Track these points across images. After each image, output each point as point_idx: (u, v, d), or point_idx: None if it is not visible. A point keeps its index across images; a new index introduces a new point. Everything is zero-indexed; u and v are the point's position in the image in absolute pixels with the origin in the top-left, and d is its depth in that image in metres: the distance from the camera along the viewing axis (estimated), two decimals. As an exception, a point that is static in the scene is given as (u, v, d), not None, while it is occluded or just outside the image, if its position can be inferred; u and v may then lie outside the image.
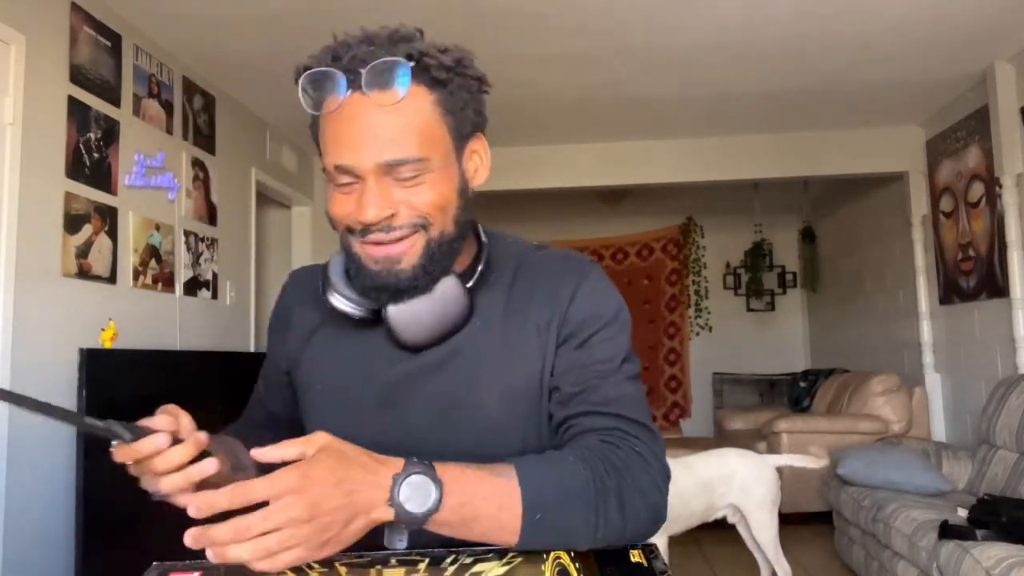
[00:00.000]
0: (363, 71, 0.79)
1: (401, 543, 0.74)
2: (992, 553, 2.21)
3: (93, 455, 2.54)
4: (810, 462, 3.27)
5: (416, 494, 0.71)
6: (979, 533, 2.43)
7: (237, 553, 0.65)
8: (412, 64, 0.81)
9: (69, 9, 2.73)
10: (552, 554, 0.79)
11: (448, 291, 0.87)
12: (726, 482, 2.99)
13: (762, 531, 3.00)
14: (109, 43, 2.95)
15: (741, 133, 4.77)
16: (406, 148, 0.81)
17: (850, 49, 3.48)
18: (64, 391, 2.61)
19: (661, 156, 4.91)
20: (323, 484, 0.68)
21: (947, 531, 2.51)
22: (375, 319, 0.89)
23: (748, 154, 4.83)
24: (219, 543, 0.64)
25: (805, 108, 4.31)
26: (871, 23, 3.20)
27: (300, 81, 0.82)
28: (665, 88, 3.96)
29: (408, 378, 0.91)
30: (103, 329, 2.83)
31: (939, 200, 4.40)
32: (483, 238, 0.95)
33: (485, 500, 0.75)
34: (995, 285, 3.80)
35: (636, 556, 0.80)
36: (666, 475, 0.87)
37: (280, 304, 1.07)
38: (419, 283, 0.85)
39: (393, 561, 0.76)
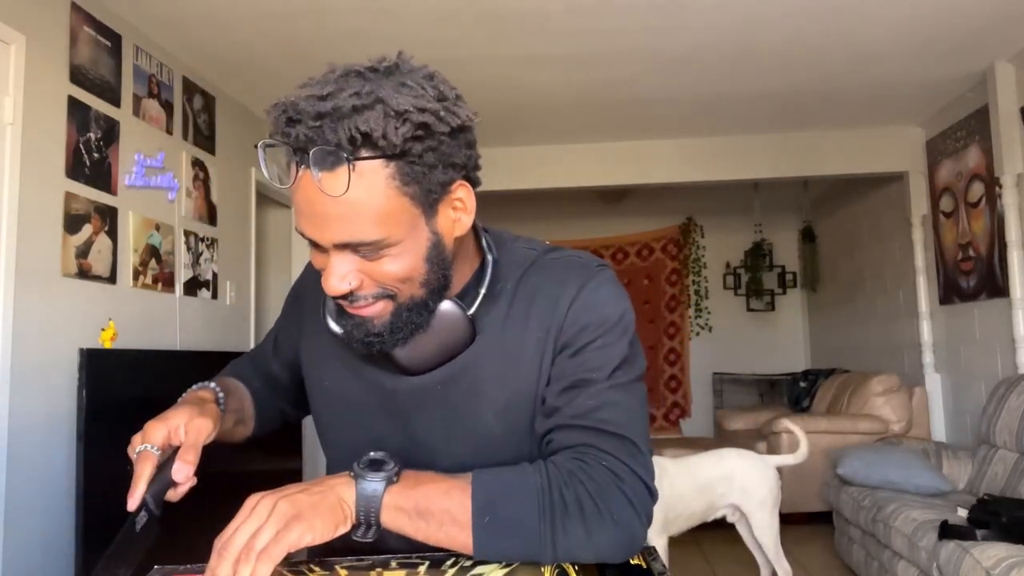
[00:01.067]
0: (309, 153, 0.74)
1: (367, 536, 0.76)
2: (992, 553, 2.21)
3: (93, 456, 2.54)
4: (791, 459, 3.23)
5: (375, 465, 0.78)
6: (979, 533, 2.43)
7: (248, 570, 0.69)
8: (351, 155, 0.74)
9: (69, 9, 2.73)
10: None
11: (448, 318, 0.86)
12: (726, 482, 2.99)
13: (762, 531, 3.00)
14: (109, 43, 2.95)
15: (741, 133, 4.77)
16: (358, 231, 0.76)
17: (850, 49, 3.48)
18: (64, 391, 2.61)
19: (661, 156, 4.91)
20: (287, 489, 0.76)
21: (947, 531, 2.51)
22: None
23: (748, 154, 4.83)
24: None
25: (805, 108, 4.31)
26: (871, 23, 3.20)
27: (259, 150, 0.78)
28: (665, 88, 3.96)
29: (411, 394, 0.92)
30: (103, 329, 2.83)
31: (939, 200, 4.40)
32: (488, 255, 0.92)
33: (439, 492, 0.78)
34: (995, 285, 3.80)
35: (635, 559, 0.80)
36: (645, 491, 0.83)
37: (302, 285, 1.08)
38: (388, 343, 0.84)
39: (393, 564, 0.76)
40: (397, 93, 0.75)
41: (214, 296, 3.69)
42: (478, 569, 0.76)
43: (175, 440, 0.84)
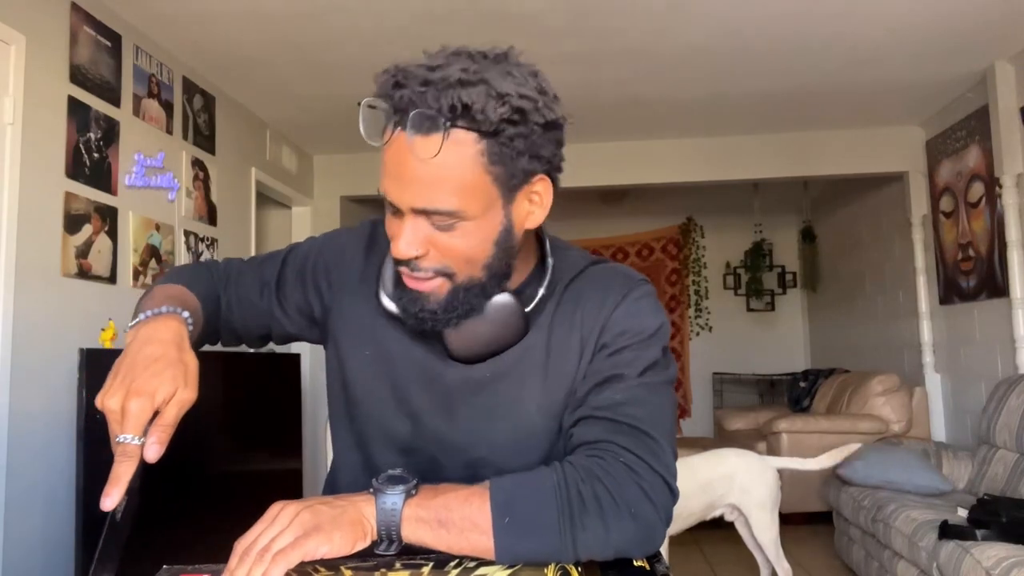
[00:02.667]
0: (409, 115, 0.77)
1: (390, 551, 0.76)
2: (992, 553, 2.21)
3: (93, 456, 2.54)
4: (805, 464, 3.21)
5: (394, 481, 0.78)
6: (979, 533, 2.43)
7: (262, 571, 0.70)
8: (449, 122, 0.77)
9: (69, 9, 2.73)
10: None
11: (506, 311, 0.88)
12: (726, 482, 2.99)
13: (762, 531, 3.00)
14: (109, 43, 2.95)
15: (741, 133, 4.77)
16: (439, 200, 0.79)
17: (850, 49, 3.48)
18: (64, 391, 2.61)
19: (661, 156, 4.91)
20: (310, 500, 0.77)
21: (947, 531, 2.51)
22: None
23: (748, 154, 4.83)
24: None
25: (805, 108, 4.31)
26: (871, 23, 3.20)
27: (361, 107, 0.81)
28: (665, 88, 3.96)
29: (460, 379, 0.93)
30: (103, 329, 2.83)
31: (939, 200, 4.40)
32: (549, 258, 0.94)
33: (458, 500, 0.78)
34: (995, 285, 3.79)
35: (639, 560, 0.80)
36: (665, 487, 0.83)
37: (330, 259, 1.03)
38: (441, 321, 0.86)
39: (397, 565, 0.76)
40: (502, 78, 0.79)
41: (214, 296, 3.69)
42: (481, 570, 0.76)
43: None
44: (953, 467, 3.53)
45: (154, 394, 0.75)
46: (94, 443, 2.55)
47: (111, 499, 0.72)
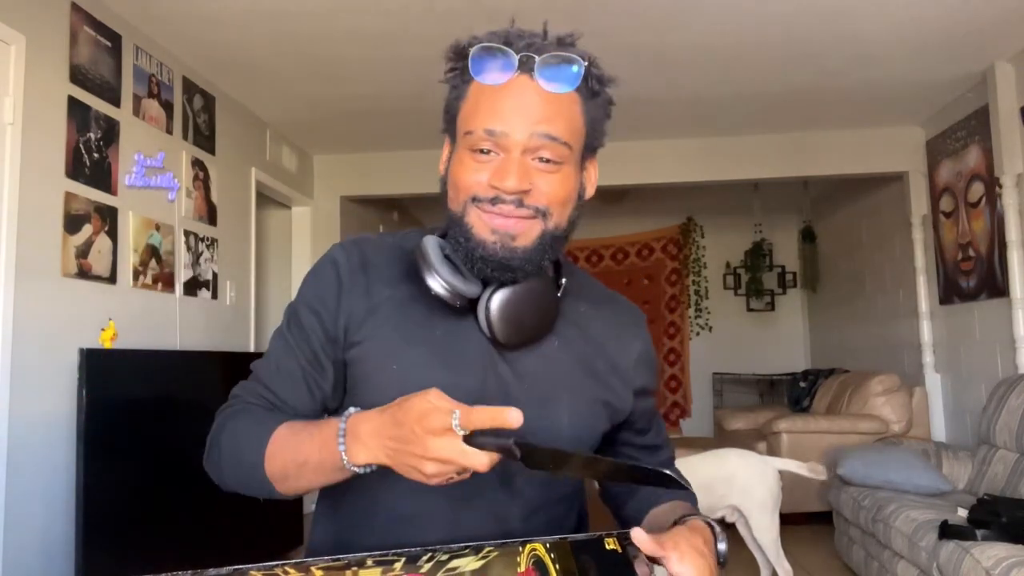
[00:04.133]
0: (537, 58, 0.85)
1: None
2: (992, 553, 2.21)
3: (93, 455, 2.54)
4: (808, 470, 3.19)
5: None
6: (979, 533, 2.43)
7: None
8: (585, 59, 0.87)
9: (69, 9, 2.73)
10: (528, 545, 0.78)
11: (544, 290, 0.90)
12: (726, 483, 2.98)
13: (763, 532, 3.00)
14: (109, 43, 2.95)
15: (741, 133, 4.77)
16: (558, 129, 0.85)
17: (850, 49, 3.48)
18: (64, 391, 2.61)
19: (661, 156, 4.91)
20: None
21: (947, 531, 2.51)
22: (468, 308, 0.90)
23: (748, 154, 4.83)
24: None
25: (805, 108, 4.31)
26: (871, 23, 3.20)
27: (472, 51, 0.86)
28: (665, 88, 3.96)
29: (498, 387, 0.91)
30: (103, 329, 2.83)
31: (939, 200, 4.40)
32: (559, 255, 0.97)
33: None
34: (995, 285, 3.79)
35: (611, 543, 0.80)
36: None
37: (332, 281, 0.93)
38: (526, 267, 0.87)
39: (369, 562, 0.76)
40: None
41: (214, 296, 3.69)
42: (454, 563, 0.76)
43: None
44: (953, 467, 3.53)
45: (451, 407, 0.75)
46: (94, 443, 2.56)
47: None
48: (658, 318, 7.37)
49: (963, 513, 2.69)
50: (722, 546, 0.87)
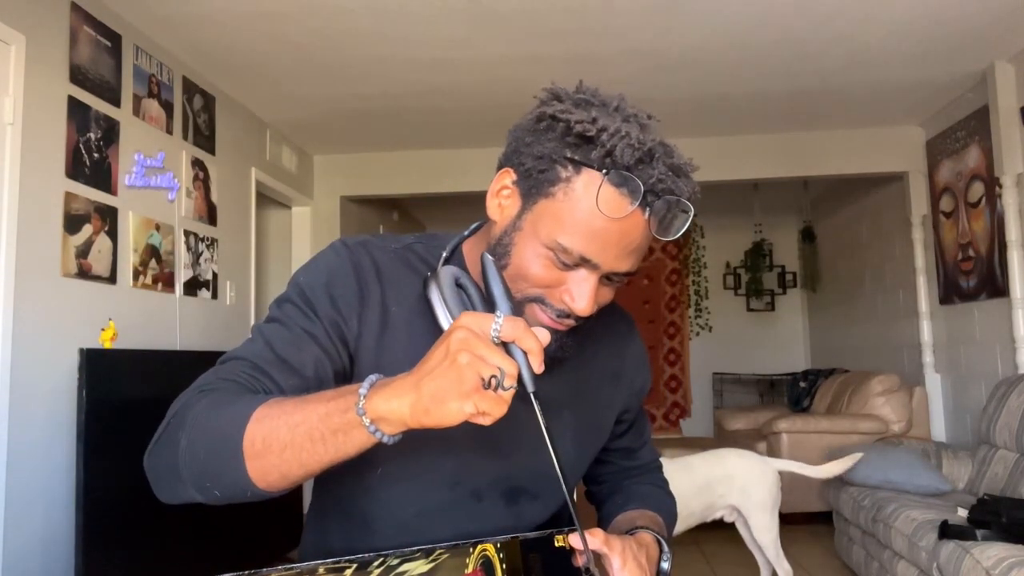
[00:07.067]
0: (660, 200, 0.79)
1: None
2: (992, 553, 2.21)
3: (93, 455, 2.54)
4: (808, 470, 3.20)
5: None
6: (979, 533, 2.43)
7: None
8: (696, 212, 0.82)
9: (69, 9, 2.73)
10: (479, 547, 0.78)
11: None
12: (726, 483, 2.98)
13: (762, 532, 3.00)
14: (109, 43, 2.95)
15: (741, 133, 4.77)
16: (636, 264, 0.84)
17: (850, 49, 3.48)
18: (64, 391, 2.61)
19: (661, 156, 4.90)
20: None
21: (947, 531, 2.51)
22: None
23: (748, 154, 4.82)
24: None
25: (805, 108, 4.31)
26: (871, 23, 3.20)
27: (610, 176, 0.78)
28: (665, 88, 3.96)
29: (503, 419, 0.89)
30: (103, 329, 2.83)
31: (939, 200, 4.40)
32: None
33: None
34: (995, 285, 3.79)
35: (560, 541, 0.81)
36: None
37: (351, 275, 0.89)
38: (564, 349, 0.88)
39: (321, 570, 0.76)
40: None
41: (214, 296, 3.69)
42: (404, 567, 0.76)
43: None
44: (953, 467, 3.53)
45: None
46: (94, 443, 2.56)
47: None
48: (658, 318, 7.37)
49: (963, 513, 2.69)
50: (665, 565, 0.90)
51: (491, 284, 0.79)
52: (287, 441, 0.70)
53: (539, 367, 0.70)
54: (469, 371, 0.65)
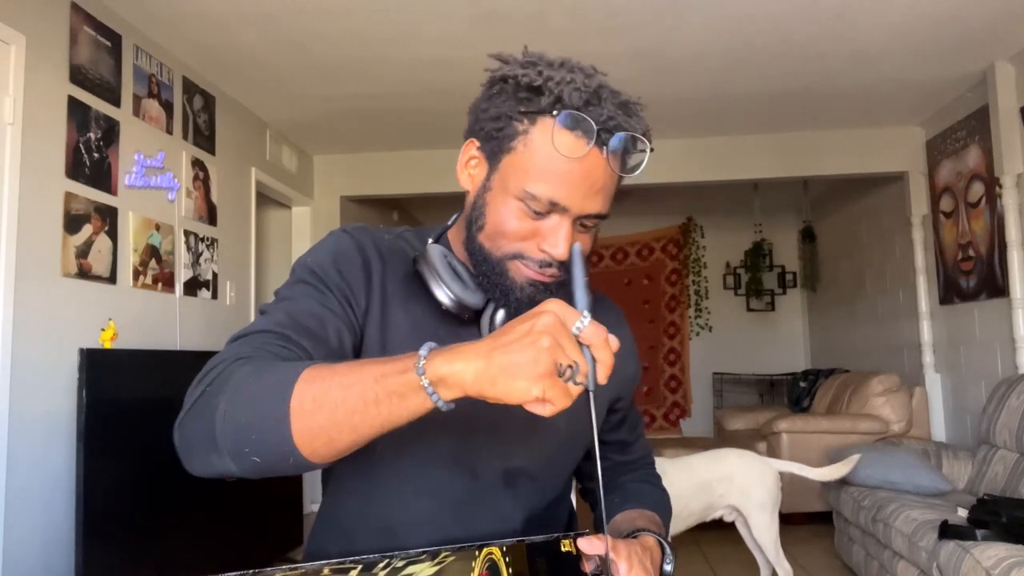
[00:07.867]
0: (613, 137, 0.83)
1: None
2: (992, 553, 2.21)
3: (93, 455, 2.54)
4: (809, 472, 3.19)
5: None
6: (979, 533, 2.43)
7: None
8: (652, 146, 0.86)
9: (69, 9, 2.73)
10: (484, 550, 0.78)
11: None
12: (726, 483, 2.98)
13: (762, 532, 3.00)
14: (109, 43, 2.95)
15: (741, 133, 4.77)
16: (606, 204, 0.88)
17: (850, 49, 3.48)
18: (64, 391, 2.61)
19: (661, 156, 4.86)
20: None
21: (947, 531, 2.51)
22: (472, 319, 0.92)
23: (748, 154, 4.83)
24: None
25: (805, 108, 4.31)
26: (871, 23, 3.20)
27: (560, 118, 0.82)
28: (665, 88, 3.96)
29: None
30: (103, 329, 2.83)
31: (939, 200, 4.40)
32: None
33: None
34: (995, 285, 3.79)
35: (567, 545, 0.81)
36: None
37: (355, 253, 0.91)
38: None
39: (326, 571, 0.76)
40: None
41: (214, 296, 3.69)
42: (409, 568, 0.76)
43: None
44: (953, 467, 3.53)
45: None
46: (94, 443, 2.56)
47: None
48: (658, 318, 7.37)
49: (963, 513, 2.69)
50: (668, 567, 0.91)
51: (575, 276, 0.80)
52: (339, 401, 0.67)
53: (604, 379, 0.69)
54: (548, 355, 0.64)
